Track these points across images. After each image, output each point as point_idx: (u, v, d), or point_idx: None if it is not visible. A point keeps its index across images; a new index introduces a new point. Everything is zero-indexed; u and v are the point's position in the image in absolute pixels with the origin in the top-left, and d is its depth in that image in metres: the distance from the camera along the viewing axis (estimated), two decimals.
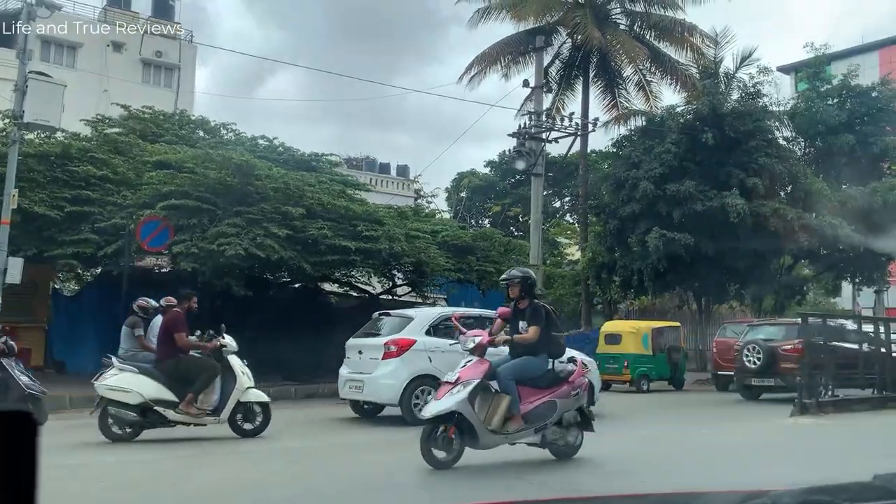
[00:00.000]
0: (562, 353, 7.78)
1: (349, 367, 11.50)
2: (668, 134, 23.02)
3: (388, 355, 10.93)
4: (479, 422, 6.97)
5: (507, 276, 7.96)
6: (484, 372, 7.22)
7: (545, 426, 7.30)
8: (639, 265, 22.90)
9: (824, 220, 21.69)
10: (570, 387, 7.47)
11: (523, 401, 7.28)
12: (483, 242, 17.97)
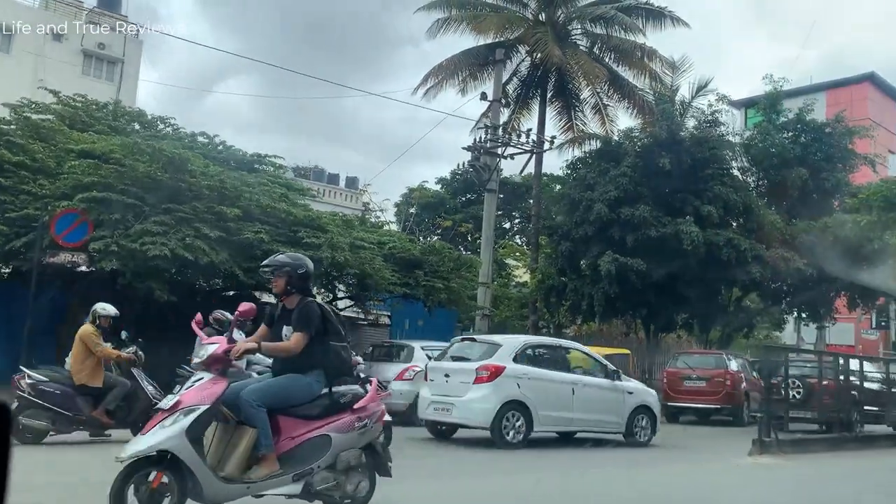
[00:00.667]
0: (346, 370, 5.73)
1: (433, 389, 11.56)
2: (625, 157, 22.42)
3: (480, 380, 11.15)
4: (203, 465, 4.96)
5: (268, 262, 5.77)
6: (217, 394, 5.13)
7: (310, 471, 5.28)
8: (589, 289, 22.15)
9: (777, 253, 21.30)
10: (353, 417, 5.45)
11: (283, 435, 5.31)
12: (432, 257, 16.89)
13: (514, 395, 11.05)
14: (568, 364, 12.28)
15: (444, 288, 16.07)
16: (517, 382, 11.14)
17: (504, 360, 11.29)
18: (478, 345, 12.43)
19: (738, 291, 25.15)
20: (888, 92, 42.25)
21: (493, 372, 11.07)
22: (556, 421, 11.54)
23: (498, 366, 11.13)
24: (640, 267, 20.64)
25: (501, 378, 11.05)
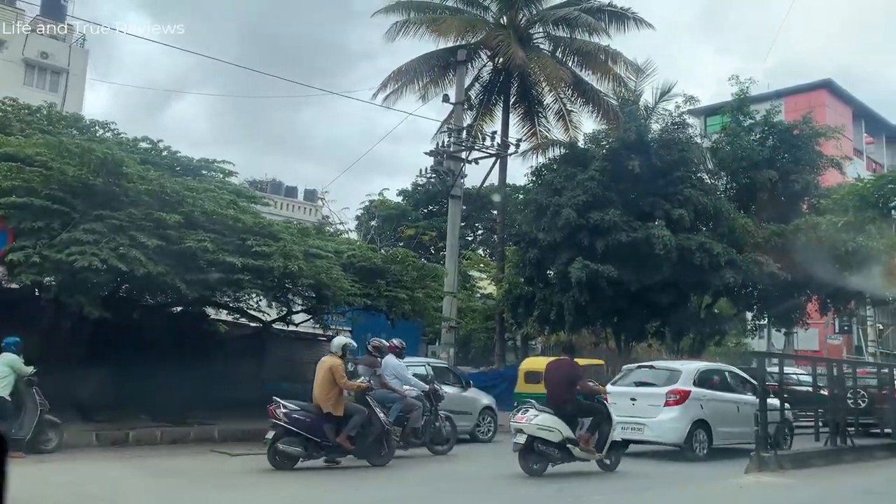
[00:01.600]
0: None
1: (619, 411, 11.88)
2: (592, 161, 21.47)
3: (670, 403, 12.47)
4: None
5: None
6: None
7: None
8: (559, 298, 21.07)
9: (749, 257, 20.47)
10: None
11: None
12: (395, 266, 15.60)
13: (699, 415, 12.44)
14: (729, 384, 13.67)
15: (408, 298, 14.78)
16: (700, 404, 12.53)
17: (687, 384, 12.69)
18: (659, 371, 13.85)
19: (709, 298, 24.35)
20: (844, 99, 42.29)
21: (682, 396, 12.44)
22: (727, 436, 12.82)
23: (685, 390, 12.52)
24: (612, 273, 19.64)
25: (689, 401, 12.42)
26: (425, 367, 15.15)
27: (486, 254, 42.67)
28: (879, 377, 15.17)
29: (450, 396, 14.67)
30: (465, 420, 15.10)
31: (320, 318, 16.23)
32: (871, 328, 38.39)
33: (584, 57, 25.97)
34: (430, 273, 16.08)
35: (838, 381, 12.13)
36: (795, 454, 10.47)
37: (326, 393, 9.90)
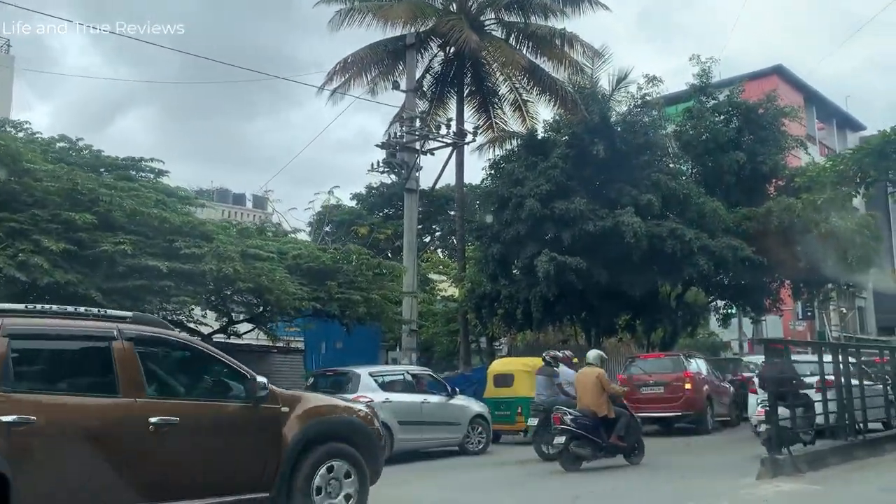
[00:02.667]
0: None
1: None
2: (554, 148, 20.09)
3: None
4: None
5: None
6: None
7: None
8: (525, 294, 19.61)
9: (723, 242, 19.28)
10: None
11: None
12: (347, 265, 13.94)
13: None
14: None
15: (363, 301, 13.14)
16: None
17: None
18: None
19: (679, 288, 23.19)
20: (796, 84, 41.77)
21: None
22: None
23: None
24: (580, 265, 18.24)
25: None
26: (405, 376, 13.60)
27: (446, 255, 41.18)
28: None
29: (434, 406, 13.21)
30: (453, 431, 13.63)
31: (266, 326, 14.45)
32: (833, 312, 37.86)
33: (538, 43, 24.61)
34: (386, 272, 14.44)
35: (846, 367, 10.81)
36: (809, 454, 9.09)
37: (597, 399, 10.67)
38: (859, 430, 10.60)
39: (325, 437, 6.37)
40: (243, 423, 6.02)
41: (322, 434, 6.36)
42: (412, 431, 12.80)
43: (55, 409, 5.13)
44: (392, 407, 12.49)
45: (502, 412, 15.78)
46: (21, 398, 4.99)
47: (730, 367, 19.12)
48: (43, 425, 4.92)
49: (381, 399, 12.31)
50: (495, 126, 26.80)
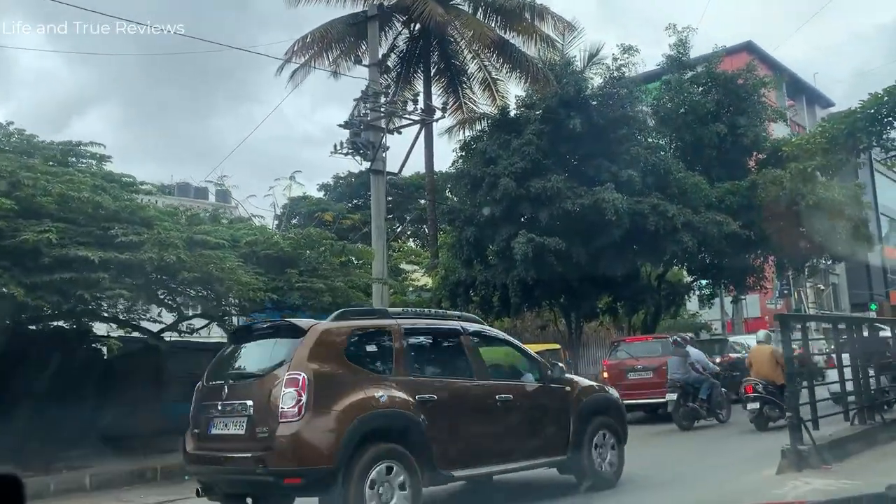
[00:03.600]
0: None
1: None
2: (528, 125, 18.91)
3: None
4: None
5: None
6: None
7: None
8: (502, 278, 18.45)
9: (707, 218, 18.28)
10: None
11: None
12: (309, 252, 12.60)
13: None
14: None
15: (327, 289, 11.79)
16: None
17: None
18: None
19: (660, 268, 22.21)
20: (766, 61, 41.10)
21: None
22: None
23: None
24: (559, 246, 17.13)
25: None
26: None
27: (418, 245, 39.92)
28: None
29: None
30: None
31: (222, 321, 13.06)
32: (810, 290, 37.32)
33: (507, 17, 23.42)
34: (353, 257, 13.12)
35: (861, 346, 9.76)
36: (832, 442, 8.01)
37: (774, 370, 11.79)
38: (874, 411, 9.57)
39: (596, 410, 7.94)
40: (549, 399, 7.62)
41: (594, 408, 7.92)
42: None
43: (443, 388, 6.74)
44: None
45: None
46: (423, 381, 6.67)
47: (716, 348, 18.15)
48: (439, 401, 6.55)
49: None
50: (464, 107, 25.60)
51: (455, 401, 6.72)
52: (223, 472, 6.44)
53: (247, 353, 7.24)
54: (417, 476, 6.19)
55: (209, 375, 7.01)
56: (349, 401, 6.05)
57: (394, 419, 6.28)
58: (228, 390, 6.53)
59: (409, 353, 6.69)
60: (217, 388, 6.67)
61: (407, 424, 6.29)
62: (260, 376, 6.43)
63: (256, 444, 5.96)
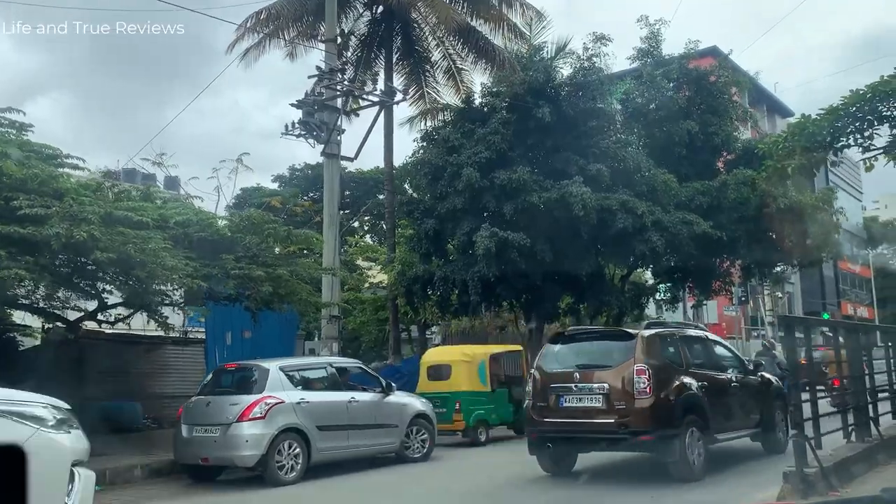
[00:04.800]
0: None
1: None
2: (494, 114, 17.74)
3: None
4: None
5: None
6: None
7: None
8: (462, 275, 17.22)
9: (677, 217, 17.33)
10: None
11: None
12: (250, 236, 11.20)
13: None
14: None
15: (267, 278, 10.41)
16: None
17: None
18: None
19: (623, 269, 21.26)
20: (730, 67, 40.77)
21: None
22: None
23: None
24: (524, 242, 15.98)
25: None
26: (327, 369, 10.99)
27: (376, 241, 38.57)
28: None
29: (364, 405, 10.74)
30: (389, 435, 11.18)
31: (151, 311, 11.57)
32: (768, 297, 36.98)
33: (474, 4, 22.29)
34: (299, 244, 11.74)
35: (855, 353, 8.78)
36: (836, 464, 6.95)
37: None
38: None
39: (778, 395, 10.71)
40: (754, 386, 10.37)
41: (778, 393, 10.75)
42: (336, 438, 10.29)
43: (708, 377, 9.33)
44: (310, 409, 9.93)
45: (437, 409, 13.35)
46: (698, 372, 9.25)
47: None
48: (709, 386, 9.17)
49: (294, 399, 9.75)
50: (427, 96, 24.37)
51: (715, 386, 9.30)
52: (583, 430, 8.94)
53: (581, 350, 9.61)
54: (706, 439, 8.75)
55: (541, 367, 9.56)
56: (672, 385, 8.72)
57: (695, 398, 8.83)
58: (580, 376, 8.96)
59: (688, 352, 9.43)
60: (566, 374, 9.08)
61: (699, 402, 8.85)
62: (610, 367, 8.89)
63: (615, 414, 8.55)
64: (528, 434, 9.58)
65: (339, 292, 14.85)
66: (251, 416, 9.16)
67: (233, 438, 9.13)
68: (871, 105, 13.95)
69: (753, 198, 18.13)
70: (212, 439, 9.26)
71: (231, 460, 9.28)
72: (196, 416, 9.70)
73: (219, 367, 10.91)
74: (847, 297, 51.56)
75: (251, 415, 9.16)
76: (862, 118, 14.00)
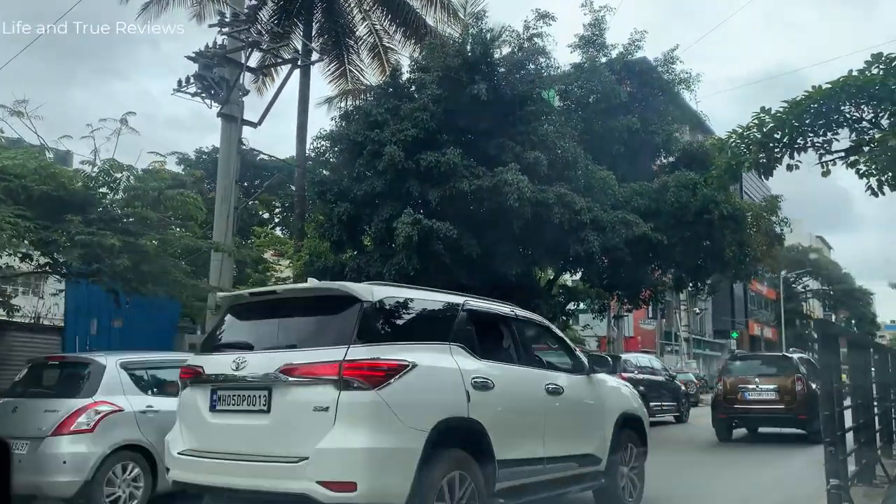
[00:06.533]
0: None
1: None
2: (424, 90, 15.72)
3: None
4: None
5: None
6: None
7: None
8: (378, 268, 15.05)
9: (616, 216, 15.72)
10: None
11: None
12: (113, 195, 8.69)
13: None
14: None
15: (123, 246, 7.90)
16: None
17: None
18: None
19: (552, 273, 19.62)
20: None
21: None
22: None
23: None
24: (450, 233, 13.99)
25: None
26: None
27: (286, 235, 35.83)
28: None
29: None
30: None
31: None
32: (684, 312, 36.36)
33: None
34: (180, 209, 9.26)
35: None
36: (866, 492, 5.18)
37: None
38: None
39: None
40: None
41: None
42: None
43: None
44: (160, 420, 7.47)
45: None
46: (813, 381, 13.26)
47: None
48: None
49: (139, 407, 7.28)
50: (349, 75, 22.16)
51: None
52: (760, 412, 14.47)
53: (753, 366, 15.62)
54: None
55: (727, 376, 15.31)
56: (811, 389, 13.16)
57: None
58: (759, 380, 14.56)
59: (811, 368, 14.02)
60: (748, 380, 14.68)
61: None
62: (780, 375, 14.47)
63: (785, 403, 13.98)
64: (718, 415, 14.79)
65: (231, 278, 12.35)
66: (73, 429, 6.63)
67: (45, 458, 6.55)
68: (836, 104, 12.55)
69: (693, 203, 16.78)
70: (16, 458, 6.72)
71: (40, 488, 6.60)
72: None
73: (36, 360, 8.20)
74: (755, 317, 52.22)
75: (74, 426, 6.64)
76: (827, 115, 12.60)
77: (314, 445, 4.41)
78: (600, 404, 6.77)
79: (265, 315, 5.47)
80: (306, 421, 4.45)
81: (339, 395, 4.47)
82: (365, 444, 4.42)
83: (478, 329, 5.62)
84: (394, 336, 4.98)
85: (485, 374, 5.28)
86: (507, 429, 5.29)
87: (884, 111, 11.71)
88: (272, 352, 4.98)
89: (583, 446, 6.33)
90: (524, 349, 6.25)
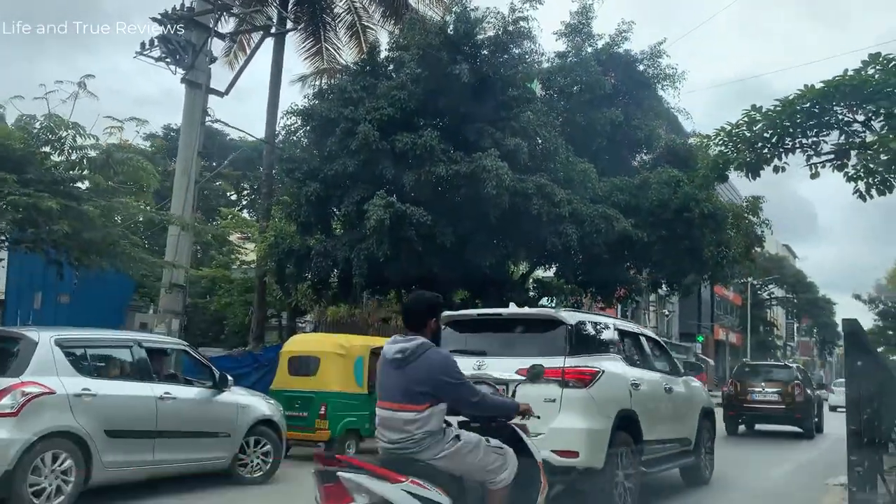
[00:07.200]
0: None
1: None
2: (402, 68, 15.02)
3: None
4: None
5: None
6: None
7: None
8: (346, 252, 14.35)
9: (596, 210, 15.19)
10: None
11: None
12: (57, 154, 7.86)
13: None
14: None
15: (61, 210, 7.08)
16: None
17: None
18: None
19: (525, 267, 19.08)
20: None
21: None
22: None
23: None
24: (424, 219, 13.33)
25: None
26: (132, 350, 7.57)
27: (254, 218, 34.86)
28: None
29: (184, 404, 7.65)
30: (217, 447, 8.07)
31: None
32: (653, 313, 36.15)
33: None
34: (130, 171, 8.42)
35: None
36: None
37: None
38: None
39: None
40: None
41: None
42: (135, 449, 7.11)
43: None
44: (96, 405, 6.74)
45: (297, 412, 10.44)
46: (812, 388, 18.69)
47: None
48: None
49: (73, 389, 6.53)
50: (325, 53, 21.35)
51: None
52: (764, 411, 17.16)
53: (761, 371, 18.61)
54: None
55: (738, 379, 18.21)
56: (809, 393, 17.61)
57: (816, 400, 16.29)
58: (764, 383, 17.34)
59: (809, 376, 17.85)
60: (756, 383, 17.45)
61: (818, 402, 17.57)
62: (781, 381, 17.23)
63: (784, 404, 16.79)
64: (728, 413, 17.55)
65: (189, 254, 11.54)
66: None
67: None
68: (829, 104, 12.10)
69: (674, 200, 16.32)
70: None
71: None
72: None
73: None
74: (720, 322, 52.41)
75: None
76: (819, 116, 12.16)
77: (548, 425, 6.08)
78: (690, 399, 8.93)
79: (489, 329, 7.34)
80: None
81: (563, 391, 6.41)
82: (584, 425, 6.38)
83: (623, 343, 7.69)
84: (586, 349, 6.85)
85: (637, 377, 7.31)
86: (648, 418, 7.21)
87: (878, 113, 11.26)
88: (504, 358, 6.71)
89: (683, 431, 8.53)
90: (648, 357, 8.27)
